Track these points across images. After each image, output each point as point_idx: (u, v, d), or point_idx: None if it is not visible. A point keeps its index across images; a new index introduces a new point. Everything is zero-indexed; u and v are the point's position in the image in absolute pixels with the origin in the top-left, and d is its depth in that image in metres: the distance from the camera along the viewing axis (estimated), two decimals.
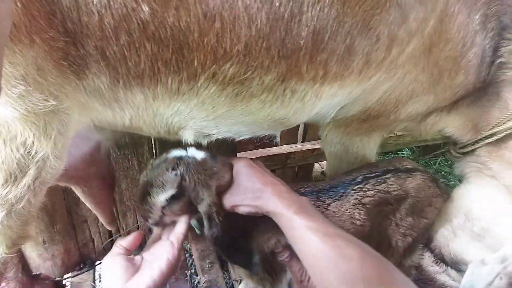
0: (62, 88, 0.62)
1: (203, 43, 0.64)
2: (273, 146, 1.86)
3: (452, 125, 1.08)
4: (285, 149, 1.83)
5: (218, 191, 0.80)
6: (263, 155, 1.79)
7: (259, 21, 0.63)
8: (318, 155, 1.81)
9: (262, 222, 0.85)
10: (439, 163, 2.53)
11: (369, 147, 1.11)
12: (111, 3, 0.59)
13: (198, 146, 0.85)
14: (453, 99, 1.00)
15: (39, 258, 1.40)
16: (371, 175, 1.02)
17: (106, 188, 1.06)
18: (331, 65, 0.73)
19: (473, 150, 1.11)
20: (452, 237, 1.03)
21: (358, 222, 0.93)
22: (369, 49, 0.75)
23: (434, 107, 1.01)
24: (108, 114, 0.72)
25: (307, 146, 1.84)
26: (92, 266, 1.52)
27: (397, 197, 1.01)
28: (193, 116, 0.77)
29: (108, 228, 1.29)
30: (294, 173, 1.98)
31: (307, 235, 0.68)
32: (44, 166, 0.66)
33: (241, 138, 0.92)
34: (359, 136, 1.07)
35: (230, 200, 0.80)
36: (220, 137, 0.86)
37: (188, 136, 0.81)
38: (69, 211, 1.38)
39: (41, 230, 1.36)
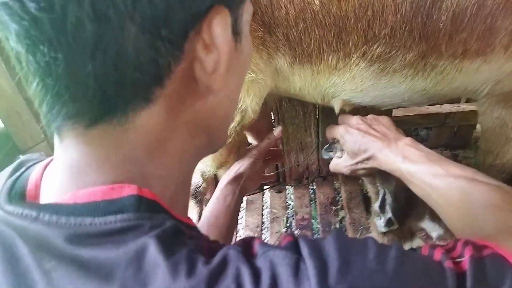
0: (258, 65, 0.90)
1: (357, 28, 0.83)
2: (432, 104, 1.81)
3: None
4: (445, 108, 1.80)
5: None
6: (420, 113, 1.80)
7: (403, 9, 0.78)
8: None
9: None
10: None
11: None
12: None
13: None
14: None
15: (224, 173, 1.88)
16: None
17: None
18: (471, 43, 0.82)
19: None
20: None
21: None
22: None
23: None
24: (285, 83, 0.98)
25: (470, 107, 1.75)
26: (262, 189, 1.97)
27: None
28: (344, 88, 0.97)
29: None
30: (453, 132, 1.94)
31: (428, 186, 0.68)
32: (245, 115, 0.97)
33: (384, 108, 1.07)
34: None
35: (346, 168, 0.91)
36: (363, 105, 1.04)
37: (336, 104, 1.02)
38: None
39: None
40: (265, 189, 1.99)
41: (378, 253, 0.36)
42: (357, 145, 0.86)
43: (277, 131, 1.08)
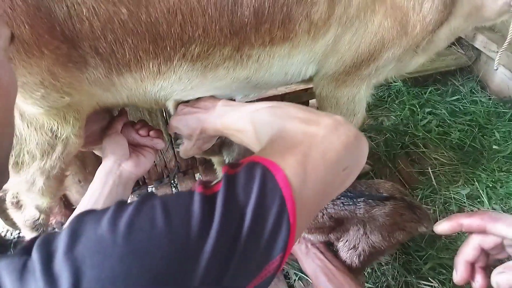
0: (71, 84, 0.81)
1: (171, 32, 0.82)
2: None
3: None
4: (281, 90, 2.00)
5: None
6: (260, 97, 1.96)
7: (209, 10, 0.80)
8: (311, 93, 1.98)
9: None
10: (430, 92, 2.66)
11: (358, 97, 1.22)
12: (97, 10, 0.76)
13: None
14: (429, 29, 1.03)
15: (77, 194, 1.74)
16: (347, 194, 1.19)
17: None
18: (275, 32, 0.89)
19: None
20: None
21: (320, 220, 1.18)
22: (307, 12, 0.89)
23: (410, 45, 1.07)
24: (109, 96, 0.92)
25: (301, 86, 1.99)
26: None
27: (363, 218, 1.17)
28: (174, 89, 0.96)
29: None
30: None
31: (236, 131, 0.78)
32: (67, 143, 0.88)
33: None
34: (347, 87, 1.18)
35: (192, 149, 0.98)
36: None
37: (171, 105, 1.01)
38: (96, 156, 1.66)
39: (76, 172, 1.64)
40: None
41: (114, 213, 0.37)
42: (186, 126, 0.94)
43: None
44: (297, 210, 0.44)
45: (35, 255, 0.34)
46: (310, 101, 2.33)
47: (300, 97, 2.03)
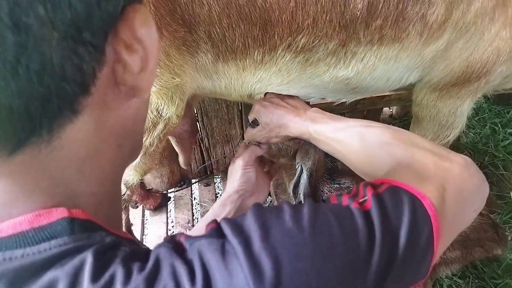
0: (182, 67, 0.84)
1: (281, 20, 0.82)
2: None
3: None
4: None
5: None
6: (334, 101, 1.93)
7: None
8: (387, 101, 1.92)
9: None
10: None
11: (461, 110, 1.13)
12: None
13: None
14: None
15: (151, 176, 1.85)
16: None
17: (190, 138, 1.37)
18: (386, 30, 0.86)
19: None
20: None
21: None
22: (424, 13, 0.85)
23: None
24: (209, 83, 0.94)
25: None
26: (190, 184, 1.98)
27: None
28: (271, 82, 0.96)
29: (184, 167, 1.66)
30: (363, 116, 2.11)
31: (332, 140, 0.76)
32: (168, 122, 0.91)
33: (310, 100, 1.07)
34: (451, 99, 1.10)
35: (261, 137, 0.97)
36: None
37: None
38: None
39: None
40: (193, 183, 1.97)
41: (293, 213, 0.40)
42: (270, 116, 0.93)
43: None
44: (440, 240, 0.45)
45: (233, 239, 0.36)
46: (384, 109, 2.27)
47: (375, 104, 1.96)
